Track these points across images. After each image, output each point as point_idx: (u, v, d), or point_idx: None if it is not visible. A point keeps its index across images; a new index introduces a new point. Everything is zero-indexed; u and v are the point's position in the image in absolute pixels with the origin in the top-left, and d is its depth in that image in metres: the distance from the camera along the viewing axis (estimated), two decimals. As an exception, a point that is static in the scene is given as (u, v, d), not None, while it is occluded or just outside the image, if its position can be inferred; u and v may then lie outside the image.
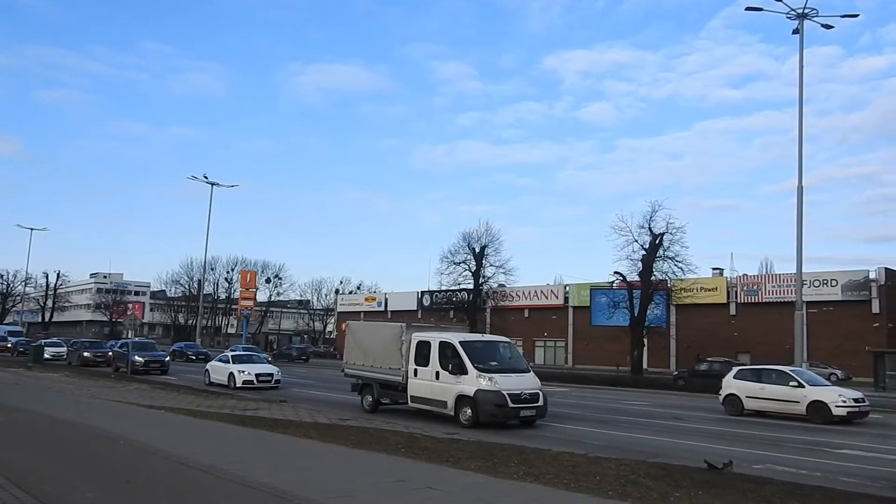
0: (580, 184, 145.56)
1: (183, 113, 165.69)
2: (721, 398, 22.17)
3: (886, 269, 50.54)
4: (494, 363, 16.75)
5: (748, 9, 27.57)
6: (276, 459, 10.34)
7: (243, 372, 26.14)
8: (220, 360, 28.12)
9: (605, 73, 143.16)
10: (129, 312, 56.38)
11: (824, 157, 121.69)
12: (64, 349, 42.49)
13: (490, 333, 61.80)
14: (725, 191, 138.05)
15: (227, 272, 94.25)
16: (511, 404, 15.75)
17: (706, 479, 9.46)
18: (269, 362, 31.23)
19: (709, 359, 47.60)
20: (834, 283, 50.55)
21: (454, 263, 50.06)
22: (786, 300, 47.60)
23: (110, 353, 36.95)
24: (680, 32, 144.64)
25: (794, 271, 29.84)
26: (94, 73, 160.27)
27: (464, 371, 16.12)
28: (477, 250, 49.59)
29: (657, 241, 40.21)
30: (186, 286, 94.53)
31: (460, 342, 16.71)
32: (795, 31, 28.18)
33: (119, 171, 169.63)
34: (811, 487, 9.32)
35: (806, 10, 27.64)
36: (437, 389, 16.71)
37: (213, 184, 54.30)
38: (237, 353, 31.49)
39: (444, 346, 16.84)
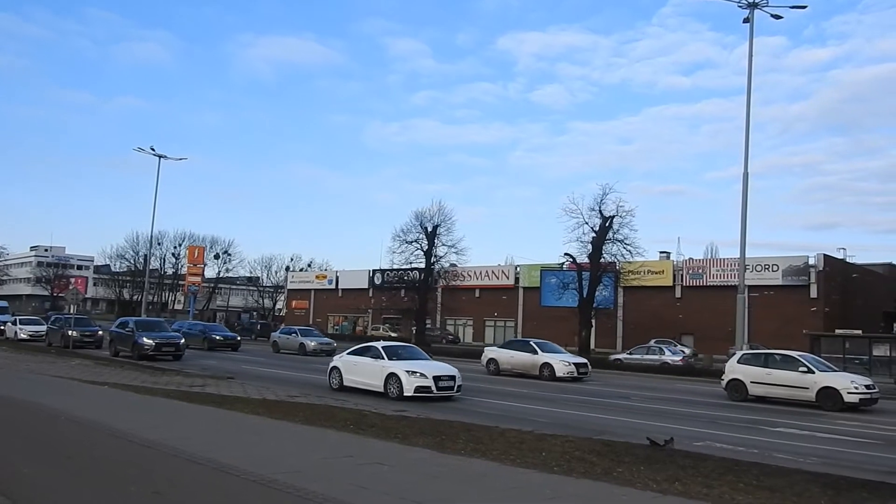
0: (532, 165, 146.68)
1: (129, 83, 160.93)
2: (724, 383, 21.55)
3: (825, 255, 52.29)
4: None
5: (701, -4, 27.94)
6: (223, 435, 10.25)
7: (415, 373, 17.47)
8: (359, 355, 19.35)
9: (558, 56, 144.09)
10: (70, 287, 54.80)
11: (769, 145, 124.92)
12: (43, 327, 38.15)
13: (441, 313, 62.37)
14: (674, 176, 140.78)
15: (175, 247, 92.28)
16: None
17: (648, 455, 9.71)
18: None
19: (654, 340, 48.75)
20: (775, 268, 52.09)
21: (406, 242, 49.96)
22: (729, 284, 48.84)
23: (100, 333, 33.49)
24: (632, 18, 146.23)
25: (738, 256, 30.60)
26: (34, 37, 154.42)
27: None
28: (429, 229, 49.55)
29: (607, 224, 40.68)
30: (132, 261, 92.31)
31: None
32: (746, 21, 28.66)
33: (62, 141, 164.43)
34: (747, 463, 9.64)
35: (757, 0, 28.13)
36: None
37: (160, 156, 52.93)
38: (390, 344, 21.00)
39: None
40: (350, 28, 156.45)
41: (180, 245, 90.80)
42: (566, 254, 43.07)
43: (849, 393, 19.17)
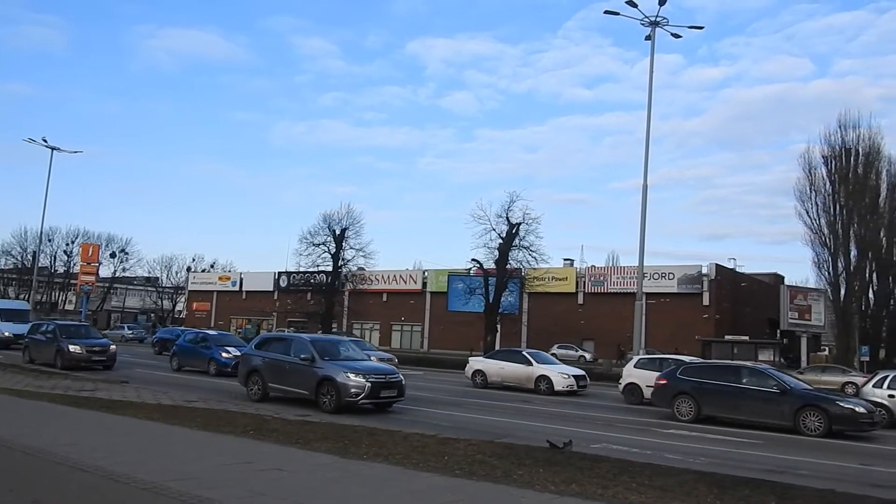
0: (440, 171, 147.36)
1: (20, 68, 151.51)
2: (621, 387, 22.20)
3: (717, 265, 55.03)
4: None
5: (606, 12, 28.99)
6: (113, 441, 9.80)
7: None
8: None
9: (466, 63, 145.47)
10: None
11: (666, 158, 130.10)
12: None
13: (347, 317, 61.66)
14: (577, 185, 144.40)
15: (67, 244, 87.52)
16: None
17: (547, 458, 9.91)
18: None
19: (556, 345, 49.88)
20: (671, 276, 54.39)
21: (313, 245, 49.39)
22: (628, 291, 50.60)
23: (113, 347, 24.88)
24: (539, 30, 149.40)
25: (637, 264, 31.72)
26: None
27: None
28: (337, 232, 49.15)
29: (513, 231, 41.46)
30: (19, 258, 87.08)
31: None
32: (648, 38, 29.85)
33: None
34: (640, 464, 9.99)
35: (658, 19, 29.37)
36: None
37: (53, 148, 50.36)
38: None
39: None
40: (256, 24, 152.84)
41: (73, 242, 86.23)
42: (473, 259, 43.64)
43: None
